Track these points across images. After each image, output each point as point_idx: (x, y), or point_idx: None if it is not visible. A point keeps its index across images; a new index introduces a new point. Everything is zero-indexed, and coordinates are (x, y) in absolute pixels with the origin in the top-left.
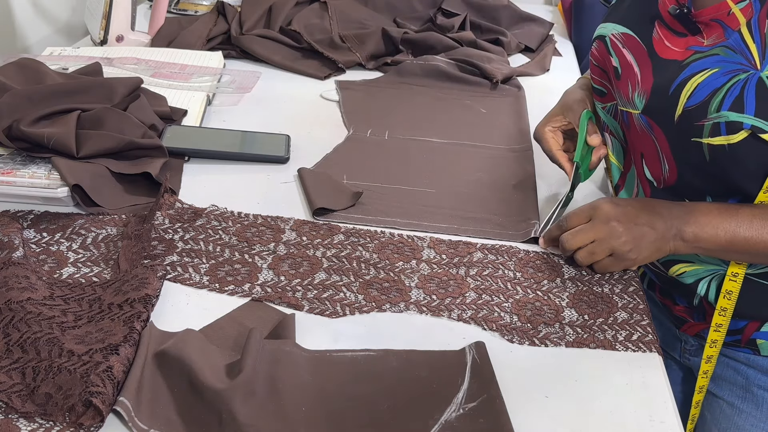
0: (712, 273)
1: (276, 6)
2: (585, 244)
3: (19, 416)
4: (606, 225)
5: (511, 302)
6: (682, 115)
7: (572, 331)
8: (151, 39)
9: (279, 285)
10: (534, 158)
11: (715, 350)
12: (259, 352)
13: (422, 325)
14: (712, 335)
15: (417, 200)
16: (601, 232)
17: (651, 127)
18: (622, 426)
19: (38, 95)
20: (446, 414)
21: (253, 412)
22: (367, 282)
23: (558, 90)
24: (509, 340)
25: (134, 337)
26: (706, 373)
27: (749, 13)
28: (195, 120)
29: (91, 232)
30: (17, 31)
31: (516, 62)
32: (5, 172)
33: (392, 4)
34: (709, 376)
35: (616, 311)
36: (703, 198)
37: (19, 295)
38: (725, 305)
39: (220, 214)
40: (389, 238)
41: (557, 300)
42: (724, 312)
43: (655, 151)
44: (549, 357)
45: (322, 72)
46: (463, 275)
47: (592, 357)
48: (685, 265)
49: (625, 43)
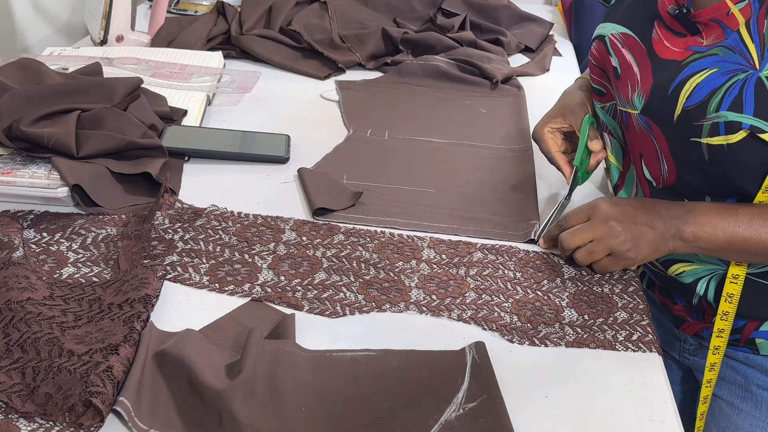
0: (711, 272)
1: (276, 6)
2: (584, 243)
3: (19, 416)
4: (605, 224)
5: (511, 302)
6: (681, 115)
7: (572, 331)
8: (151, 39)
9: (279, 285)
10: (534, 158)
11: (718, 357)
12: (259, 352)
13: (422, 325)
14: (715, 341)
15: (417, 200)
16: (599, 231)
17: (650, 127)
18: (622, 426)
19: (38, 95)
20: (446, 414)
21: (253, 412)
22: (367, 282)
23: (558, 90)
24: (509, 340)
25: (134, 337)
26: (710, 382)
27: (748, 13)
28: (195, 120)
29: (91, 232)
30: (17, 31)
31: (516, 62)
32: (5, 172)
33: (392, 4)
34: (713, 385)
35: (616, 311)
36: (702, 198)
37: (19, 295)
38: (727, 309)
39: (220, 214)
40: (389, 238)
41: (557, 300)
42: (726, 316)
43: (654, 151)
44: (549, 357)
45: (322, 72)
46: (463, 275)
47: (592, 357)
48: (684, 264)
49: (625, 43)
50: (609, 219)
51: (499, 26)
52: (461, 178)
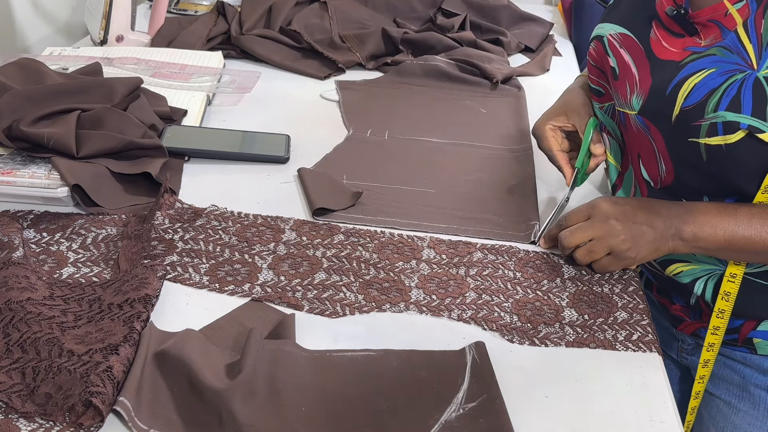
0: (709, 273)
1: (276, 6)
2: (584, 241)
3: (19, 416)
4: (605, 223)
5: (511, 302)
6: (679, 116)
7: (572, 331)
8: (151, 39)
9: (279, 285)
10: (534, 159)
11: (712, 354)
12: (259, 352)
13: (422, 325)
14: (709, 338)
15: (417, 200)
16: (599, 230)
17: (648, 128)
18: (622, 426)
19: (38, 95)
20: (446, 414)
21: (253, 412)
22: (367, 282)
23: (558, 90)
24: (509, 340)
25: (134, 337)
26: (702, 378)
27: (746, 14)
28: (195, 120)
29: (91, 232)
30: (17, 31)
31: (516, 62)
32: (5, 172)
33: (392, 4)
34: (706, 381)
35: (616, 311)
36: (701, 198)
37: (19, 295)
38: (723, 307)
39: (220, 214)
40: (389, 238)
41: (557, 300)
42: (722, 314)
43: (652, 151)
44: (549, 357)
45: (322, 72)
46: (463, 275)
47: (592, 357)
48: (682, 264)
49: (623, 43)
50: (609, 218)
51: (499, 26)
52: (461, 178)
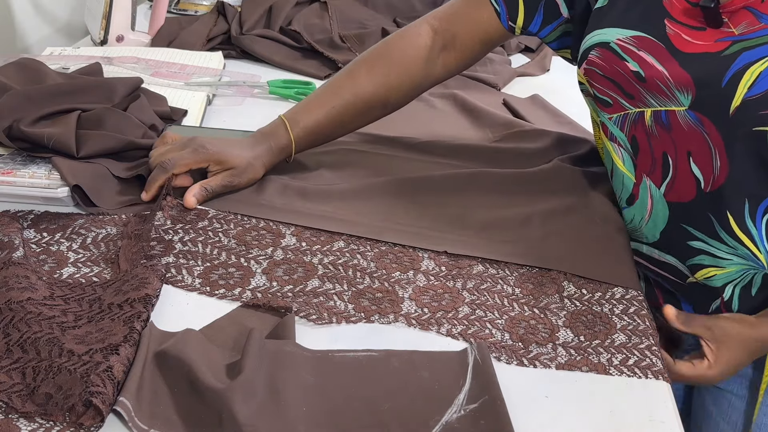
0: (744, 273)
1: (276, 6)
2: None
3: (19, 416)
4: (722, 366)
5: (505, 319)
6: (741, 107)
7: (565, 353)
8: (151, 39)
9: (270, 290)
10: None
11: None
12: (259, 352)
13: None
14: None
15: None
16: (714, 367)
17: (701, 122)
18: (622, 426)
19: (38, 95)
20: (447, 415)
21: (253, 412)
22: (360, 291)
23: (558, 90)
24: (497, 358)
25: (134, 337)
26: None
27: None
28: (195, 120)
29: (91, 232)
30: (17, 31)
31: (516, 62)
32: (5, 172)
33: (392, 4)
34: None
35: (614, 333)
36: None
37: (19, 295)
38: None
39: (222, 216)
40: (390, 248)
41: (554, 318)
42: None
43: (706, 147)
44: None
45: (322, 72)
46: (459, 288)
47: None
48: (714, 269)
49: (640, 45)
50: (731, 366)
51: None
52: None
